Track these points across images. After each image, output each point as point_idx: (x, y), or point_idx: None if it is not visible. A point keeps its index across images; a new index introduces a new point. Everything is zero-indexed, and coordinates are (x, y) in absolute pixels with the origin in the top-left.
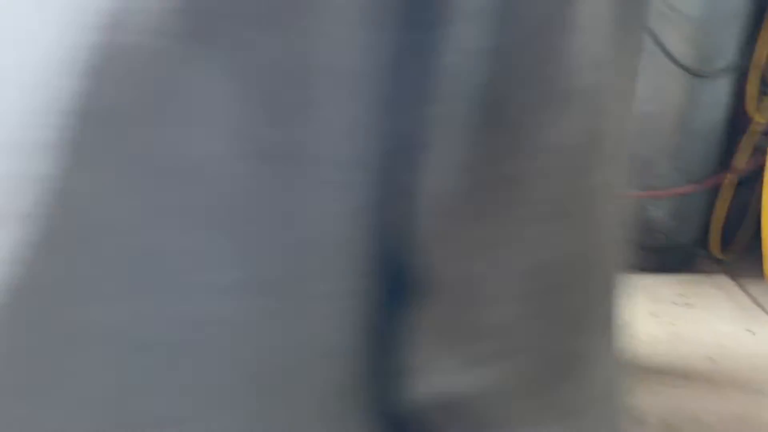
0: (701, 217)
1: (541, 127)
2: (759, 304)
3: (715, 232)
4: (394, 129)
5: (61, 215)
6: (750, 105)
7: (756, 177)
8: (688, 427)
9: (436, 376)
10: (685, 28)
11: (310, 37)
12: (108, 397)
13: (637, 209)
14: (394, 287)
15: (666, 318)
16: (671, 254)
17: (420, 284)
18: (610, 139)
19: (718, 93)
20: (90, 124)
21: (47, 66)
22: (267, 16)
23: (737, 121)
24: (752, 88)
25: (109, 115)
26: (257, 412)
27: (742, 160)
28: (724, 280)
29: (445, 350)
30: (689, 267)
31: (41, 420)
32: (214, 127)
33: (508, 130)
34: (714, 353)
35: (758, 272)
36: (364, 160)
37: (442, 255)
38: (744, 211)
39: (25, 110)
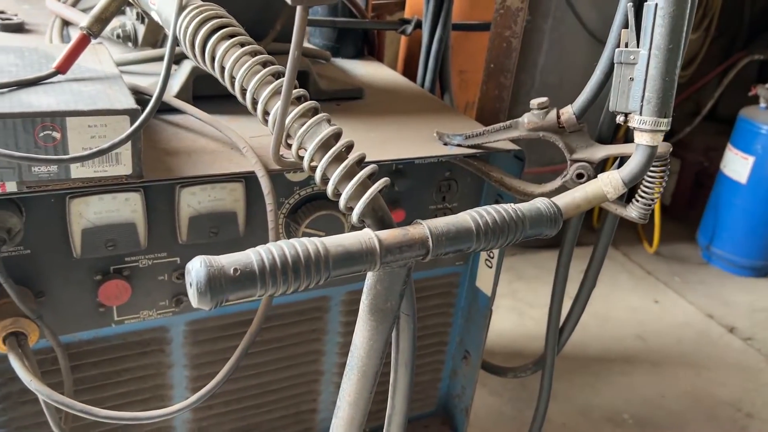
0: None
1: None
2: (649, 272)
3: None
4: None
5: None
6: None
7: None
8: (659, 416)
9: None
10: None
11: None
12: None
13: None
14: None
15: None
16: None
17: None
18: None
19: None
20: None
21: None
22: None
23: None
24: None
25: None
26: None
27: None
28: (609, 251)
29: None
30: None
31: None
32: None
33: None
34: (639, 331)
35: (632, 239)
36: None
37: None
38: None
39: None
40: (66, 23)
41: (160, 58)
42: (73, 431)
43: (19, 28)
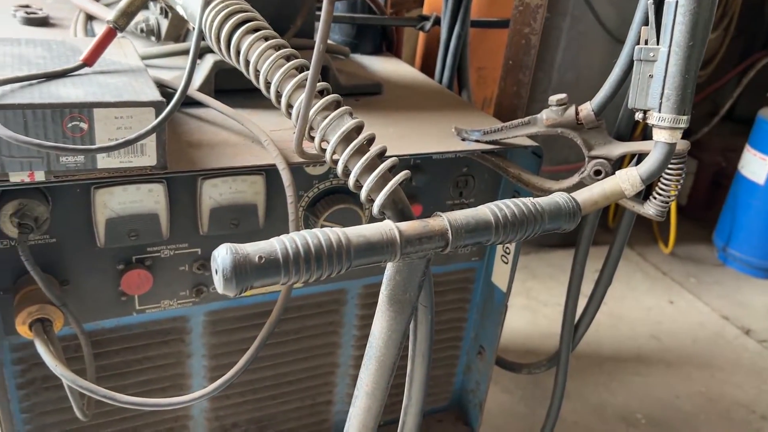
0: None
1: None
2: (665, 273)
3: None
4: None
5: None
6: None
7: None
8: (672, 416)
9: None
10: None
11: None
12: None
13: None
14: None
15: None
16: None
17: None
18: None
19: None
20: None
21: None
22: None
23: None
24: None
25: None
26: None
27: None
28: (624, 251)
29: None
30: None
31: None
32: None
33: None
34: (654, 330)
35: (648, 239)
36: None
37: None
38: None
39: None
40: (90, 17)
41: (183, 53)
42: (93, 418)
43: (43, 22)
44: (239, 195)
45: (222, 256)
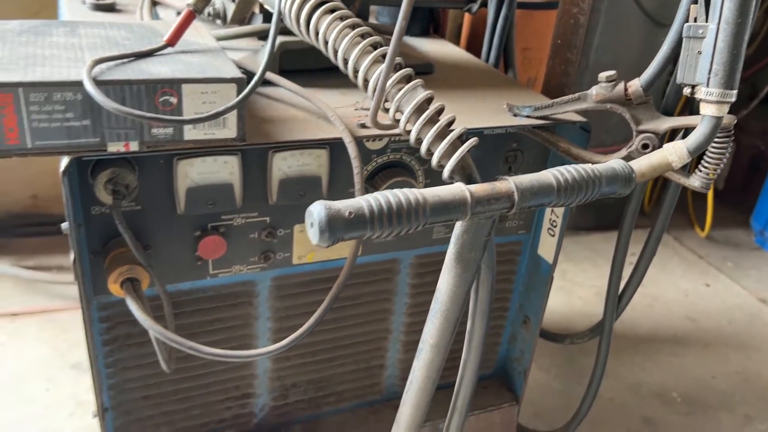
0: None
1: None
2: (701, 257)
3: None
4: None
5: None
6: None
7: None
8: (708, 395)
9: None
10: None
11: None
12: None
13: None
14: None
15: None
16: (604, 209)
17: None
18: None
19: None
20: None
21: None
22: None
23: None
24: None
25: None
26: None
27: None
28: None
29: None
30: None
31: None
32: None
33: None
34: (689, 312)
35: (684, 224)
36: None
37: None
38: None
39: None
40: (154, 3)
41: (250, 34)
42: (170, 374)
43: (110, 8)
44: (306, 167)
45: (318, 211)
